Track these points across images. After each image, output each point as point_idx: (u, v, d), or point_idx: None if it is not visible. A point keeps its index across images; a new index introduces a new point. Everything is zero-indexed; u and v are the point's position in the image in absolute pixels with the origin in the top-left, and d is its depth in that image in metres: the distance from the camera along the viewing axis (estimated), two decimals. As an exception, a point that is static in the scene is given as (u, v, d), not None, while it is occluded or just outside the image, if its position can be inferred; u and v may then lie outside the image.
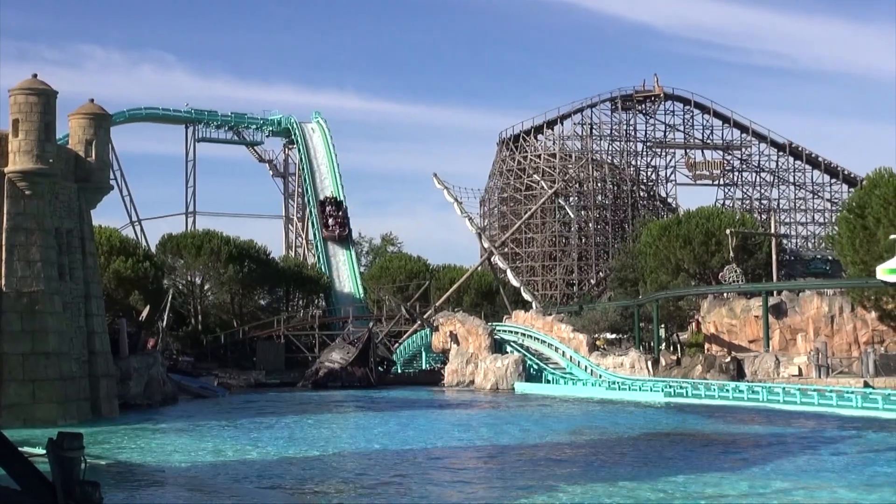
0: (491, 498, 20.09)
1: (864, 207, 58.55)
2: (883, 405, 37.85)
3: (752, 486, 20.67)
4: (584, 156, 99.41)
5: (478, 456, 27.24)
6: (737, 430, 33.26)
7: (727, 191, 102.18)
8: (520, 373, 59.19)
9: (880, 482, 20.94)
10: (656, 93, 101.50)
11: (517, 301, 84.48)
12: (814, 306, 57.27)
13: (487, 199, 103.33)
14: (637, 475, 22.42)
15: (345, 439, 32.89)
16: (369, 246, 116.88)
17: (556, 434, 32.92)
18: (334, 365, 64.65)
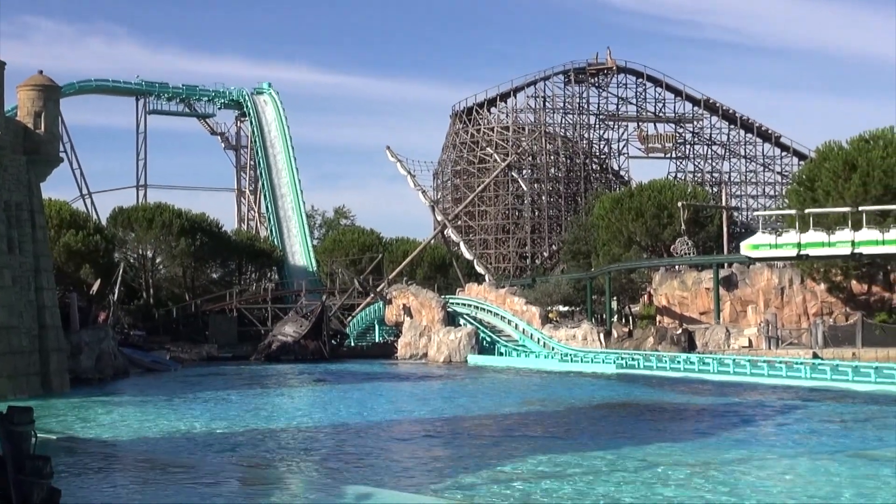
0: (446, 469, 20.16)
1: (814, 180, 59.09)
2: (831, 376, 38.27)
3: (700, 456, 20.85)
4: (538, 129, 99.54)
5: (432, 428, 27.30)
6: (687, 401, 33.52)
7: (679, 164, 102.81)
8: (473, 345, 59.35)
9: (826, 451, 21.21)
10: (609, 66, 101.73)
11: (470, 274, 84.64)
12: (764, 278, 57.79)
13: (441, 172, 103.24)
14: (589, 445, 22.58)
15: (298, 412, 32.85)
16: (322, 219, 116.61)
17: (509, 406, 33.04)
18: (287, 338, 64.52)
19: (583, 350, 54.39)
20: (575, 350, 54.62)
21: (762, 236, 54.40)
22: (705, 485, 17.79)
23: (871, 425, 26.26)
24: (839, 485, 17.42)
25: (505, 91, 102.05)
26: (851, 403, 31.55)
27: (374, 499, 16.95)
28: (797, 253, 52.85)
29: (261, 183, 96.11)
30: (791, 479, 18.17)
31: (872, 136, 58.92)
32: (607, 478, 18.41)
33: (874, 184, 55.14)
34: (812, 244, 52.51)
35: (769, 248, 53.58)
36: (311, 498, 17.85)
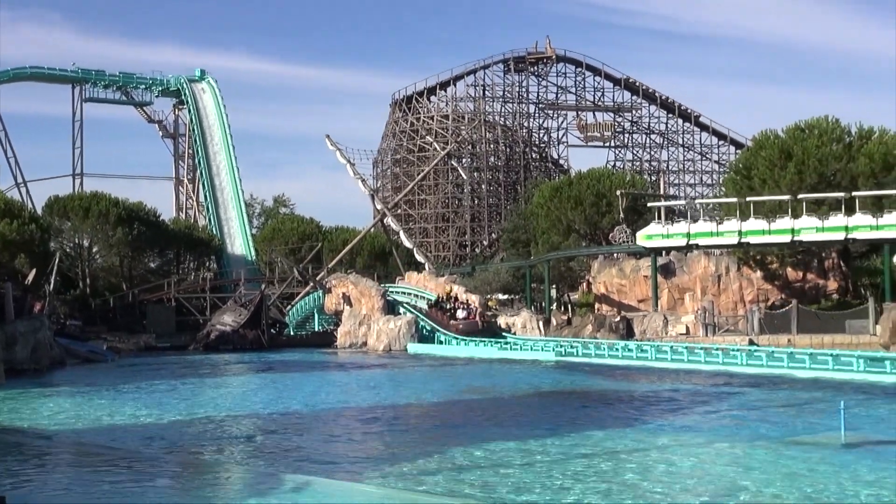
0: (385, 457, 20.15)
1: (751, 169, 59.75)
2: (766, 362, 38.68)
3: (637, 442, 21.01)
4: (477, 117, 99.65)
5: (372, 416, 27.27)
6: (625, 388, 33.75)
7: (618, 152, 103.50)
8: (412, 334, 59.34)
9: (760, 437, 21.43)
10: (548, 55, 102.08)
11: (410, 262, 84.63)
12: (701, 266, 58.32)
13: (380, 161, 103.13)
14: (528, 433, 22.66)
15: (237, 401, 32.67)
16: (261, 208, 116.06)
17: (448, 394, 33.08)
18: (226, 328, 64.18)
19: (522, 338, 54.61)
20: (514, 338, 54.81)
21: (655, 226, 55.62)
22: (641, 470, 17.92)
23: (805, 411, 26.59)
24: (772, 470, 17.61)
25: (445, 79, 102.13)
26: (786, 389, 31.92)
27: (314, 487, 16.89)
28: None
29: (199, 171, 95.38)
30: (725, 465, 18.34)
31: (808, 125, 59.61)
32: (545, 465, 18.48)
33: (809, 172, 55.83)
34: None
35: (661, 237, 54.91)
36: (251, 487, 17.77)
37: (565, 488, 16.31)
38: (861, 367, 35.33)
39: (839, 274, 58.65)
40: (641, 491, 16.10)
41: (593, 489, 16.31)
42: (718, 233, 54.31)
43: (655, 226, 56.61)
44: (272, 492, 16.75)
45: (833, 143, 58.15)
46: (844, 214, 51.23)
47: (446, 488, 16.62)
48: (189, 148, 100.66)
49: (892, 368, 34.61)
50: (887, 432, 21.85)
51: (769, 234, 52.89)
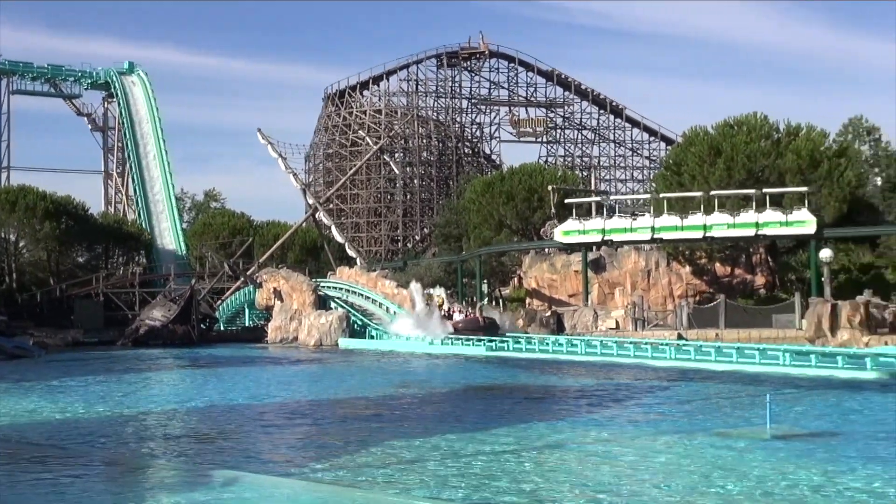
0: (315, 451, 20.07)
1: (681, 165, 60.43)
2: (695, 356, 39.05)
3: (566, 437, 21.09)
4: (410, 112, 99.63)
5: (302, 411, 27.16)
6: (555, 383, 33.89)
7: (550, 148, 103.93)
8: (344, 328, 59.25)
9: (688, 430, 21.61)
10: (481, 50, 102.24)
11: (342, 257, 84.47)
12: (631, 261, 58.82)
13: (313, 155, 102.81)
14: (457, 427, 22.67)
15: (165, 397, 32.38)
16: (192, 202, 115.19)
17: (379, 389, 33.02)
18: (155, 322, 63.63)
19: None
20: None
21: (572, 223, 56.45)
22: (571, 464, 17.99)
23: (732, 404, 26.86)
24: (699, 462, 17.76)
25: (378, 74, 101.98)
26: (714, 383, 32.23)
27: (242, 482, 16.77)
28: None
29: (129, 165, 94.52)
30: (653, 457, 18.46)
31: (737, 122, 60.39)
32: (473, 459, 18.50)
33: (738, 168, 56.55)
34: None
35: (578, 233, 55.74)
36: (179, 483, 17.60)
37: (490, 483, 16.31)
38: (787, 360, 35.79)
39: (766, 269, 59.43)
40: (570, 485, 16.15)
41: (519, 483, 16.33)
42: (632, 229, 55.31)
43: (572, 222, 57.33)
44: (201, 487, 16.61)
45: (761, 139, 59.00)
46: (756, 211, 52.10)
47: (374, 482, 16.59)
48: (119, 141, 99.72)
49: (816, 362, 35.08)
50: (812, 424, 22.13)
51: (682, 230, 54.01)
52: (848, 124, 69.89)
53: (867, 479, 16.06)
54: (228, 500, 15.59)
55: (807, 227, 52.22)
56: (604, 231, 56.28)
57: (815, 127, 61.00)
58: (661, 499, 15.10)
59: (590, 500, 14.99)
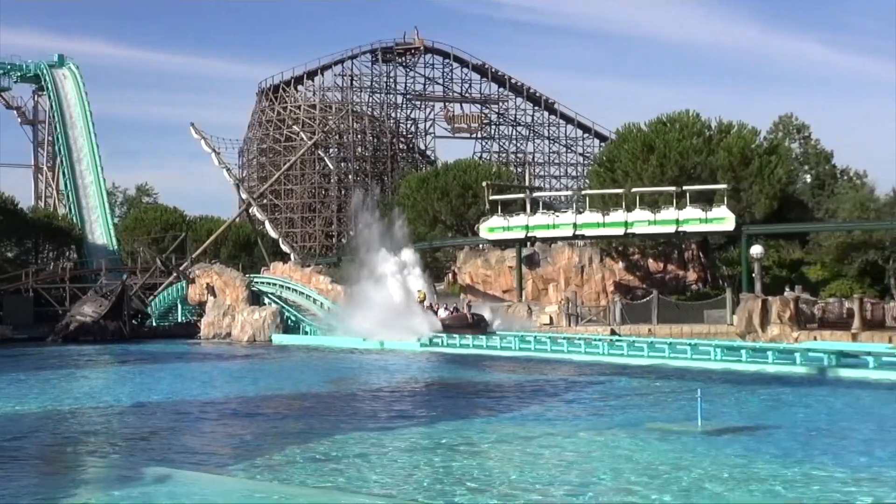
0: (248, 448, 19.96)
1: (614, 161, 60.86)
2: (628, 352, 39.32)
3: (498, 432, 21.14)
4: (345, 107, 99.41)
5: (234, 407, 27.00)
6: (488, 378, 33.95)
7: (484, 144, 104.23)
8: (277, 324, 58.99)
9: (619, 425, 21.76)
10: (416, 45, 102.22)
11: (276, 253, 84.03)
12: (565, 257, 59.15)
13: (246, 150, 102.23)
14: (388, 424, 22.69)
15: (97, 393, 32.04)
16: (123, 196, 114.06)
17: (312, 385, 32.92)
18: (86, 318, 62.91)
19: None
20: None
21: (497, 219, 56.96)
22: (502, 460, 18.04)
23: (663, 399, 27.11)
24: (629, 457, 17.90)
25: (312, 69, 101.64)
26: (646, 378, 32.48)
27: (175, 479, 16.68)
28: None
29: (59, 159, 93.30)
30: (584, 452, 18.57)
31: (669, 119, 60.94)
32: (405, 455, 18.52)
33: (671, 165, 57.06)
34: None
35: (502, 230, 56.27)
36: (111, 479, 17.48)
37: (420, 478, 16.34)
38: (718, 356, 36.16)
39: (698, 265, 60.06)
40: (501, 480, 16.20)
41: (448, 480, 16.36)
42: (555, 225, 55.87)
43: (497, 218, 57.77)
44: (133, 484, 16.51)
45: (694, 136, 59.60)
46: (676, 208, 52.77)
47: (306, 478, 16.56)
48: (49, 135, 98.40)
49: (747, 357, 35.50)
50: (742, 419, 22.39)
51: (603, 226, 54.64)
52: (778, 122, 70.77)
53: (796, 471, 16.28)
54: (161, 496, 15.51)
55: (726, 225, 53.00)
56: (527, 227, 56.72)
57: (747, 125, 61.74)
58: (590, 493, 15.18)
59: (518, 496, 15.03)
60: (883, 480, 15.57)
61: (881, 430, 20.87)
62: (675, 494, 14.89)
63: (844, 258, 53.40)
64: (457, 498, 15.01)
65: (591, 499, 14.85)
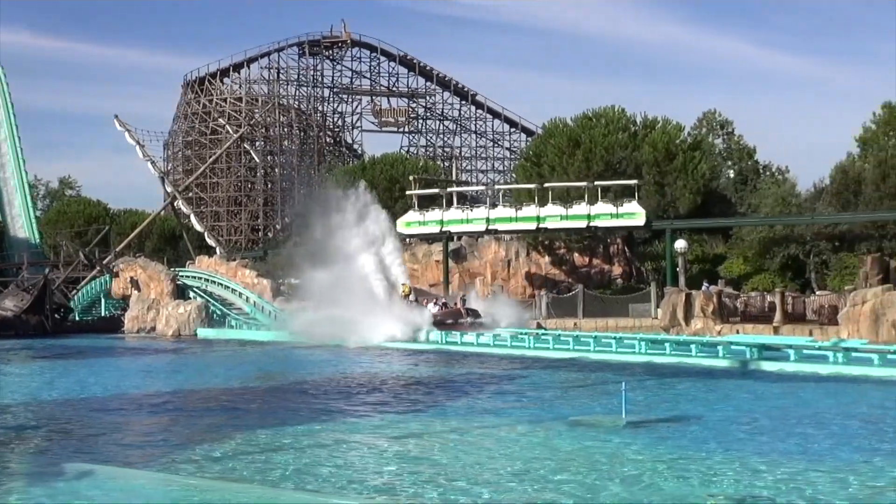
0: (172, 443, 19.78)
1: (541, 156, 61.18)
2: (553, 345, 39.54)
3: (424, 427, 21.15)
4: (271, 100, 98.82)
5: (158, 402, 26.75)
6: (412, 373, 33.94)
7: (412, 138, 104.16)
8: (202, 318, 58.70)
9: (545, 418, 21.85)
10: (344, 39, 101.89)
11: (201, 246, 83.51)
12: (491, 251, 59.35)
13: (171, 143, 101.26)
14: (313, 418, 22.60)
15: (17, 389, 31.59)
16: (46, 189, 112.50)
17: (238, 379, 32.70)
18: (7, 313, 62.12)
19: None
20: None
21: (413, 214, 57.29)
22: (425, 454, 18.05)
23: (589, 393, 27.31)
24: (554, 450, 17.98)
25: (238, 62, 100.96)
26: (572, 372, 32.70)
27: (97, 475, 16.49)
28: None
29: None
30: (509, 446, 18.61)
31: (595, 114, 61.38)
32: (327, 451, 18.46)
33: (596, 160, 57.47)
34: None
35: (418, 225, 56.59)
36: (31, 476, 17.22)
37: (341, 474, 16.29)
38: (643, 349, 36.49)
39: (624, 259, 60.54)
40: (420, 474, 16.19)
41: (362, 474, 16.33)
42: (468, 220, 56.24)
43: (413, 213, 58.04)
44: (54, 480, 16.29)
45: (619, 132, 60.09)
46: (588, 203, 53.36)
47: (229, 473, 16.46)
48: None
49: (671, 350, 35.87)
50: (665, 411, 22.59)
51: (516, 221, 55.12)
52: (702, 118, 71.46)
53: (718, 462, 16.46)
54: (83, 493, 15.33)
55: (636, 219, 53.62)
56: (441, 222, 57.04)
57: (671, 120, 62.39)
58: (510, 486, 15.22)
59: (440, 489, 15.04)
60: (798, 469, 15.76)
61: (799, 421, 21.16)
62: (597, 486, 14.98)
63: (766, 253, 54.08)
64: (373, 491, 15.00)
65: (514, 493, 14.88)
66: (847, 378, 29.35)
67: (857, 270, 46.69)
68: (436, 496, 14.68)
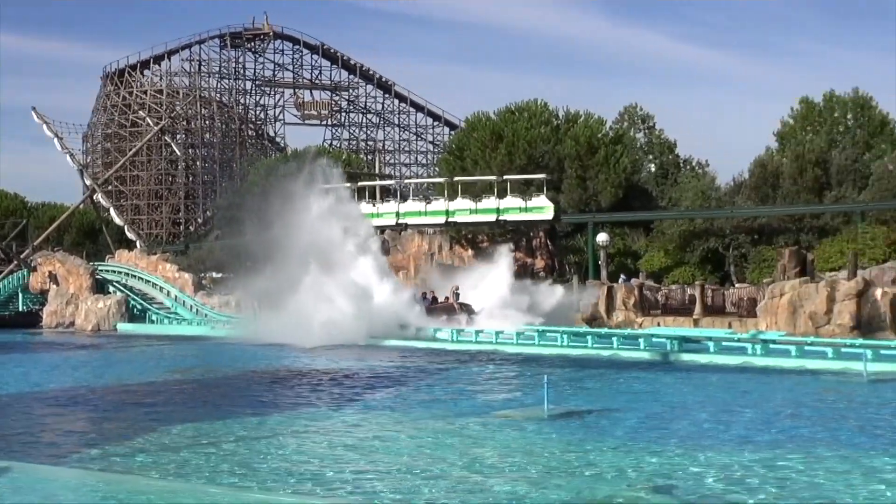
0: (90, 439, 19.50)
1: (463, 150, 61.28)
2: (476, 339, 39.58)
3: (339, 420, 21.05)
4: (192, 93, 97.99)
5: (75, 397, 26.36)
6: (336, 366, 33.77)
7: (335, 131, 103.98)
8: (123, 313, 58.10)
9: (467, 412, 21.85)
10: (266, 31, 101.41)
11: (121, 240, 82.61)
12: (415, 244, 59.36)
13: (91, 136, 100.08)
14: (236, 412, 22.43)
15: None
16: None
17: (158, 374, 32.38)
18: (-79, 307, 61.03)
19: (237, 316, 54.12)
20: (229, 316, 54.27)
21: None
22: (340, 448, 17.93)
23: (511, 386, 27.41)
24: (475, 443, 18.00)
25: (159, 53, 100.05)
26: (494, 365, 32.77)
27: (12, 472, 16.18)
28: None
29: None
30: (429, 439, 18.57)
31: (518, 108, 61.62)
32: (247, 444, 18.34)
33: (519, 153, 57.71)
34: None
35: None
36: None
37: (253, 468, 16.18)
38: (565, 342, 36.70)
39: (546, 253, 60.79)
40: (340, 469, 16.12)
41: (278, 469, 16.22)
42: (379, 214, 56.45)
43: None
44: (-34, 478, 15.99)
45: (542, 125, 60.41)
46: (497, 197, 53.86)
47: (147, 468, 16.28)
48: None
49: (593, 343, 36.12)
50: (587, 403, 22.71)
51: (426, 215, 55.66)
52: (624, 112, 72.05)
53: (637, 453, 16.57)
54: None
55: (545, 214, 54.19)
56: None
57: (593, 114, 62.82)
58: (432, 479, 15.19)
59: (357, 482, 14.97)
60: (715, 457, 15.91)
61: (718, 411, 21.39)
62: (517, 479, 14.99)
63: (686, 246, 54.64)
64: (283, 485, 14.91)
65: (432, 485, 14.85)
66: (765, 369, 29.76)
67: (775, 263, 47.31)
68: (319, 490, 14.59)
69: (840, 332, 37.32)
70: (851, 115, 64.24)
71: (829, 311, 38.68)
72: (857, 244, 47.43)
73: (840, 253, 47.77)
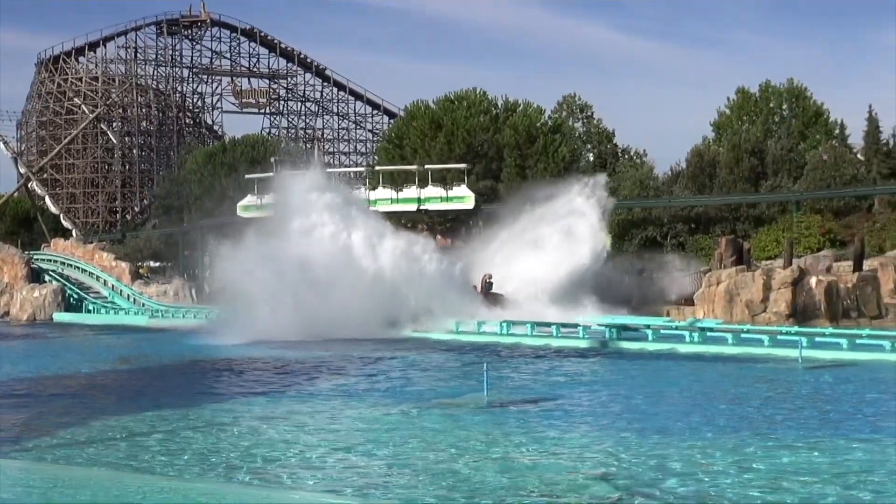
0: (26, 431, 19.30)
1: (403, 138, 61.29)
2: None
3: (281, 409, 20.95)
4: (128, 80, 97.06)
5: (9, 389, 26.06)
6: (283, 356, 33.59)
7: (273, 119, 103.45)
8: (59, 302, 57.51)
9: (406, 400, 21.90)
10: (203, 18, 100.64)
11: (57, 229, 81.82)
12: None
13: (25, 123, 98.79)
14: (175, 403, 22.30)
15: None
16: None
17: (95, 364, 32.07)
18: None
19: (174, 306, 53.81)
20: (166, 306, 53.94)
21: (251, 198, 57.64)
22: (279, 436, 17.90)
23: (452, 374, 27.47)
24: (413, 431, 18.03)
25: (94, 40, 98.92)
26: (435, 353, 32.85)
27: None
28: None
29: None
30: (367, 428, 18.58)
31: (457, 97, 61.70)
32: (191, 433, 18.25)
33: (458, 142, 57.85)
34: None
35: (255, 209, 56.97)
36: None
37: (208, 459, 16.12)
38: (506, 330, 36.85)
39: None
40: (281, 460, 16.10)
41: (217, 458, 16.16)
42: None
43: (251, 197, 58.03)
44: None
45: (481, 114, 60.55)
46: (418, 186, 54.22)
47: (91, 460, 16.15)
48: None
49: (532, 331, 36.29)
50: (526, 391, 22.84)
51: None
52: (562, 102, 72.32)
53: (575, 440, 16.69)
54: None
55: (466, 203, 54.77)
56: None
57: (532, 104, 63.05)
58: (370, 469, 15.20)
59: (293, 473, 14.94)
60: (654, 444, 16.06)
61: (656, 398, 21.61)
62: (453, 465, 15.04)
63: (625, 235, 55.01)
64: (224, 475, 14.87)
65: (370, 475, 14.86)
66: (702, 356, 30.09)
67: (711, 252, 47.77)
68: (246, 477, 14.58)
69: (776, 319, 37.83)
70: (787, 106, 65.08)
71: (765, 300, 39.19)
72: (793, 233, 48.06)
73: (776, 242, 48.36)
